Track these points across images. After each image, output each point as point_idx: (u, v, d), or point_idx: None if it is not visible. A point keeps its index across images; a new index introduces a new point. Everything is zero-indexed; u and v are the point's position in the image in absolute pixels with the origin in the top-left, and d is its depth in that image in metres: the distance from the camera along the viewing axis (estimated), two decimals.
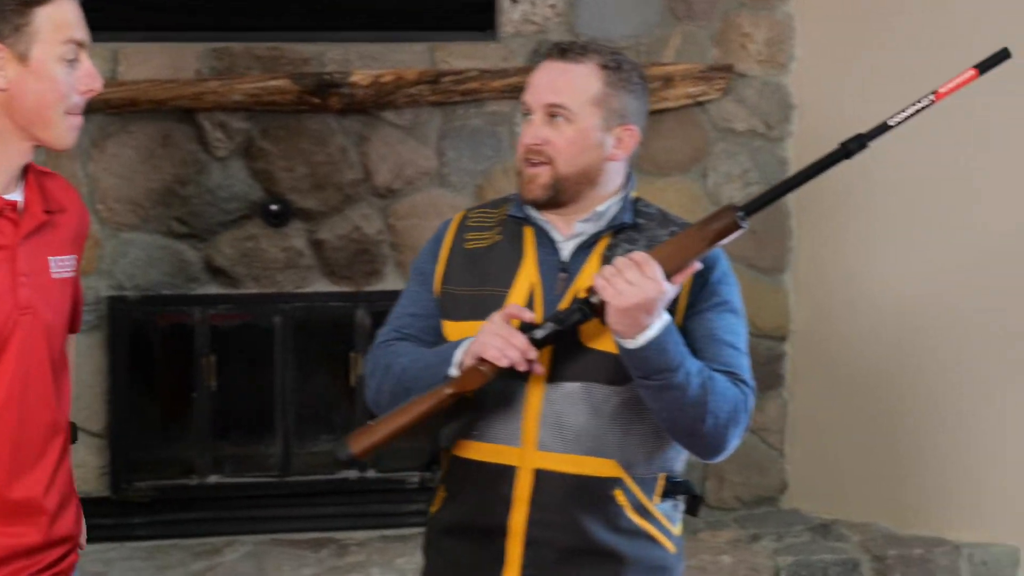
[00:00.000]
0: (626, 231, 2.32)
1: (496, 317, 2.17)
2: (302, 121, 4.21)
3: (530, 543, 2.25)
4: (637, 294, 2.07)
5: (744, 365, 2.28)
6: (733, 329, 2.29)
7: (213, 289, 4.28)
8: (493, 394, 2.23)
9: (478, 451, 2.29)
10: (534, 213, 2.33)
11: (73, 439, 2.32)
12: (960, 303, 4.28)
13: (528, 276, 2.30)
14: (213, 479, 4.35)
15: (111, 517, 4.20)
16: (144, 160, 4.16)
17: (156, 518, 4.28)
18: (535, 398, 2.24)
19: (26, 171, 2.15)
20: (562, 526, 2.25)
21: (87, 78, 2.11)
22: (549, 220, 2.32)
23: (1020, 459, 4.23)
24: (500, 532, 2.26)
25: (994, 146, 4.18)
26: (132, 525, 4.24)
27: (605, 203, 2.32)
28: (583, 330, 2.21)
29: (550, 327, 2.16)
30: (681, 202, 4.42)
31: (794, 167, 4.39)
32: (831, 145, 2.17)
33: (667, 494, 2.32)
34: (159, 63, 4.13)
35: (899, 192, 4.31)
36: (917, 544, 4.27)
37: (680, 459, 2.36)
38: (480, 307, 2.27)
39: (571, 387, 2.23)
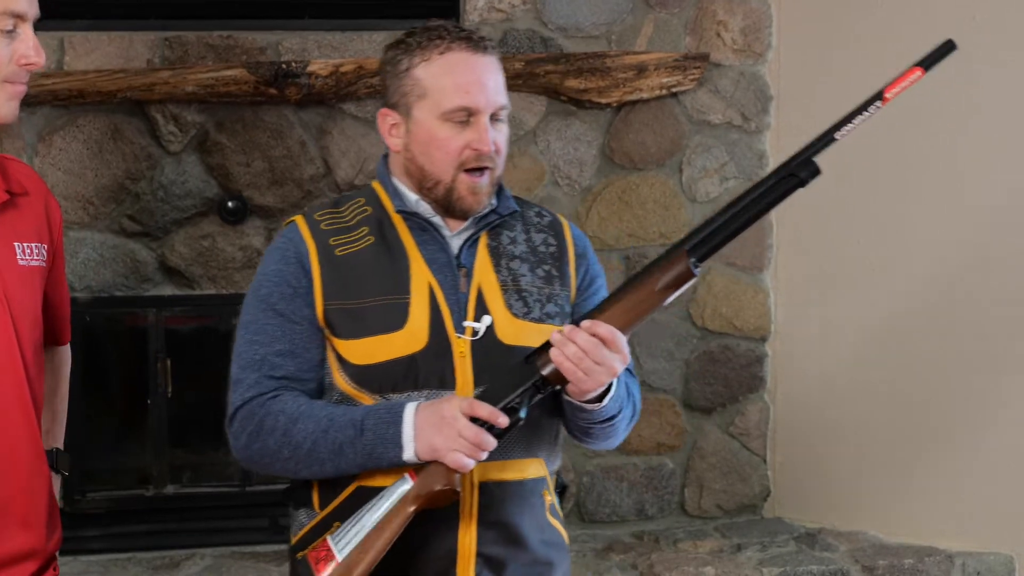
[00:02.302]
0: (505, 219, 2.21)
1: (455, 413, 1.97)
2: (259, 113, 4.13)
3: (480, 564, 2.10)
4: (607, 374, 1.99)
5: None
6: None
7: (168, 290, 4.20)
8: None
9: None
10: (425, 209, 2.17)
11: (57, 468, 2.31)
12: (949, 302, 4.19)
13: (423, 277, 2.12)
14: (170, 489, 4.27)
15: (64, 530, 4.00)
16: (93, 155, 4.08)
17: (111, 530, 4.22)
18: None
19: None
20: (505, 539, 2.12)
21: (26, 50, 2.05)
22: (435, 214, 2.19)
23: (1014, 465, 4.15)
24: (448, 558, 2.09)
25: (975, 129, 4.07)
26: (86, 538, 4.16)
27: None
28: (499, 328, 2.10)
29: (514, 417, 2.00)
30: (656, 197, 4.35)
31: (773, 161, 4.30)
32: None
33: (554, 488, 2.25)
34: (108, 52, 4.05)
35: (880, 186, 4.23)
36: (908, 553, 4.19)
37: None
38: (376, 319, 2.08)
39: None
